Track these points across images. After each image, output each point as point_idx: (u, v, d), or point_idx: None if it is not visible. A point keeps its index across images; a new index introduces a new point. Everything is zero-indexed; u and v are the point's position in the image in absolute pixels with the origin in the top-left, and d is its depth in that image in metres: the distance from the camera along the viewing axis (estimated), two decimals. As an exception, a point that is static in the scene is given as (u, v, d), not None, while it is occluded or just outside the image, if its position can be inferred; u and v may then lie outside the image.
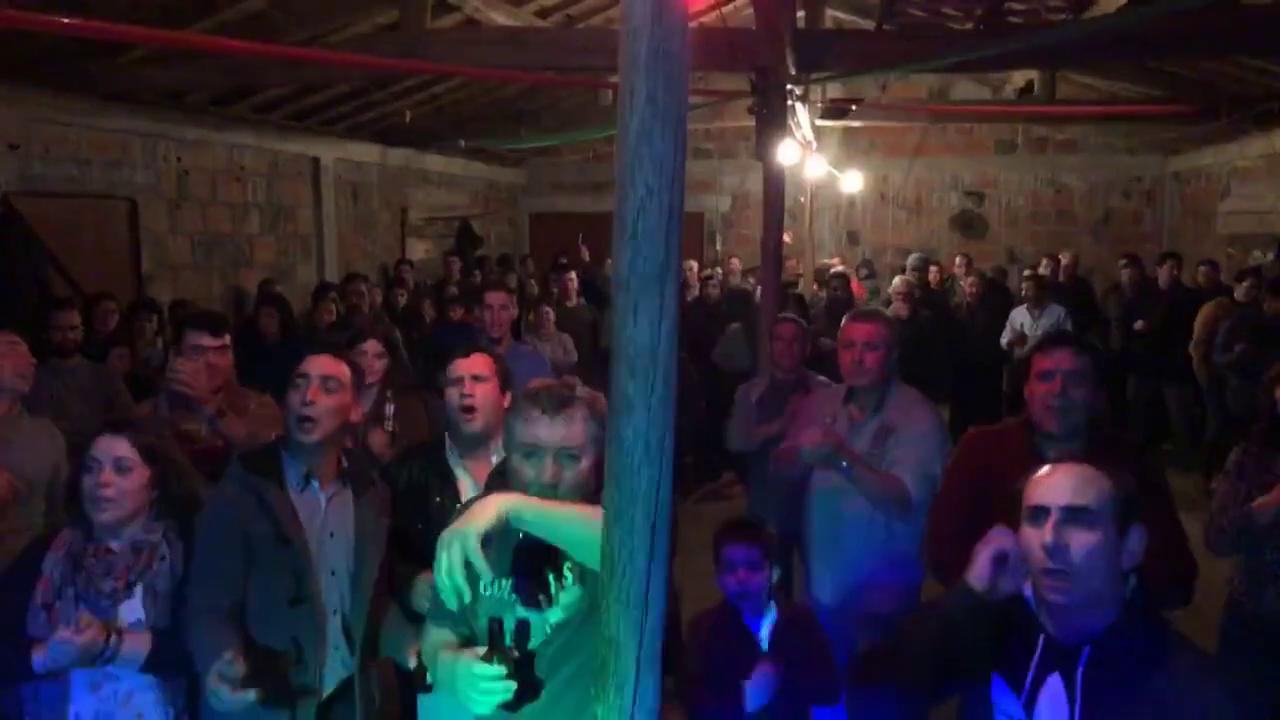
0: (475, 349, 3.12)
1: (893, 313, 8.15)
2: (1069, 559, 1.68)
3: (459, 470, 2.89)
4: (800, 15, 6.17)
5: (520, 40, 6.03)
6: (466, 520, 1.73)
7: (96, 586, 2.34)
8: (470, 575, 1.69)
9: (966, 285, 9.14)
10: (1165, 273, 8.47)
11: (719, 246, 13.02)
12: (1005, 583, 1.77)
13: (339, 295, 7.41)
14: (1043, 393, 2.63)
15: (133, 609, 2.35)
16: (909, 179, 12.73)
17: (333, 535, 2.55)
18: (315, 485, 2.54)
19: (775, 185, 5.44)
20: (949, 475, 2.90)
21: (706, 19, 6.72)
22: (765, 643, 2.66)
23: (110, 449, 2.39)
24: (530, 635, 1.93)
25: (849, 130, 12.32)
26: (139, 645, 2.29)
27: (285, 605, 2.42)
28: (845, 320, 3.48)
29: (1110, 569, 1.70)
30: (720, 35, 5.25)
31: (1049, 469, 1.79)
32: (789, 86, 5.48)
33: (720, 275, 9.51)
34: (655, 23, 1.20)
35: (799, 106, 6.46)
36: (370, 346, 3.97)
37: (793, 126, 6.29)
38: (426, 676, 2.09)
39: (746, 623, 2.67)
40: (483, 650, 1.83)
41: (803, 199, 10.65)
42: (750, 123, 5.47)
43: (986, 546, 1.78)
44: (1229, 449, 3.32)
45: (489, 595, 1.99)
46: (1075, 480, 1.73)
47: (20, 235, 5.84)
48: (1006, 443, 2.76)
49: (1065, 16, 6.82)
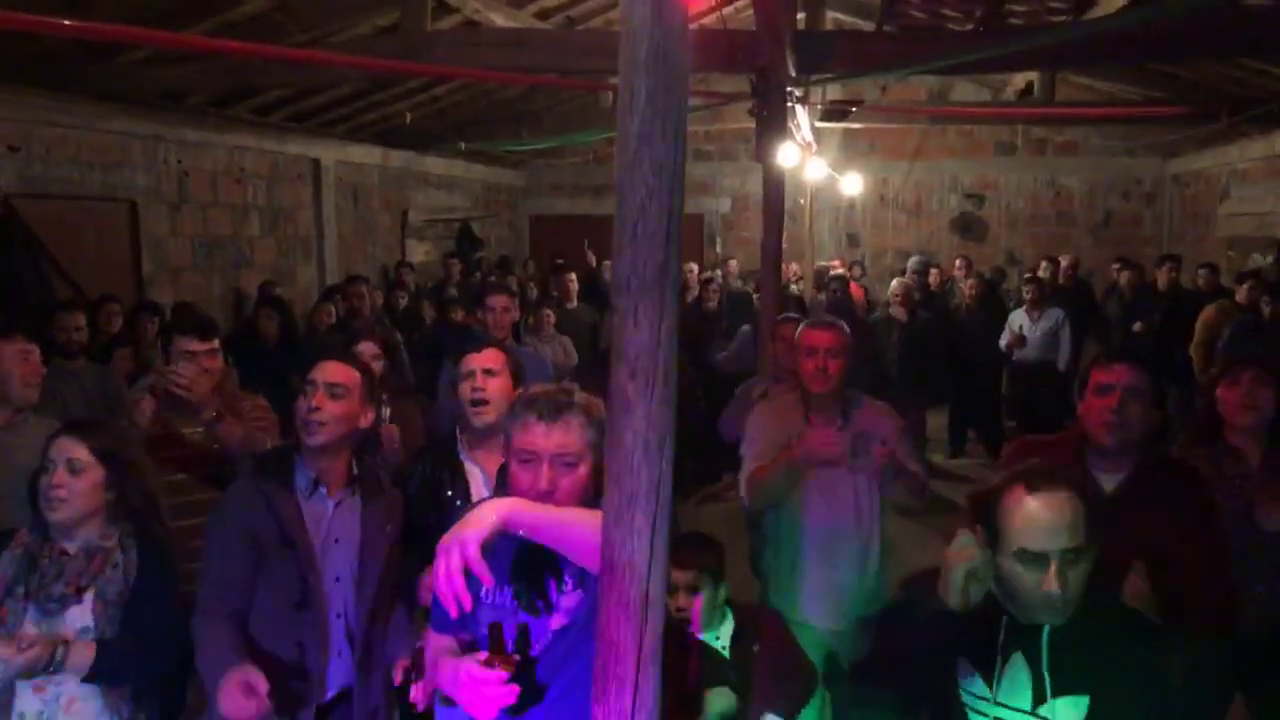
0: (488, 343, 3.13)
1: (892, 315, 8.16)
2: (1068, 593, 1.78)
3: (470, 464, 2.91)
4: (800, 17, 6.17)
5: (521, 42, 6.03)
6: (465, 527, 1.72)
7: (47, 590, 2.34)
8: (470, 582, 1.69)
9: (966, 287, 9.14)
10: (1164, 275, 8.48)
11: (719, 249, 13.03)
12: (976, 593, 1.81)
13: (340, 297, 7.42)
14: (1100, 407, 2.55)
15: (81, 615, 2.35)
16: (909, 181, 12.75)
17: (338, 541, 2.55)
18: (323, 491, 2.55)
19: (775, 187, 5.44)
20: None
21: (706, 20, 6.72)
22: (727, 650, 2.62)
23: (66, 450, 2.40)
24: (531, 639, 1.93)
25: (849, 132, 12.33)
26: (84, 656, 2.29)
27: (290, 609, 2.45)
28: (803, 328, 3.43)
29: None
30: (720, 37, 5.25)
31: (1035, 507, 1.81)
32: (789, 88, 5.49)
33: (720, 279, 9.50)
34: (655, 24, 1.20)
35: (799, 108, 6.46)
36: (366, 348, 3.97)
37: (793, 128, 6.29)
38: (437, 693, 2.09)
39: (699, 638, 2.63)
40: (484, 655, 1.82)
41: (803, 201, 10.65)
42: (750, 125, 5.48)
43: (958, 566, 1.80)
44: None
45: (489, 602, 1.98)
46: (1069, 519, 1.79)
47: (21, 237, 5.85)
48: (1054, 455, 2.64)
49: (1065, 18, 6.83)
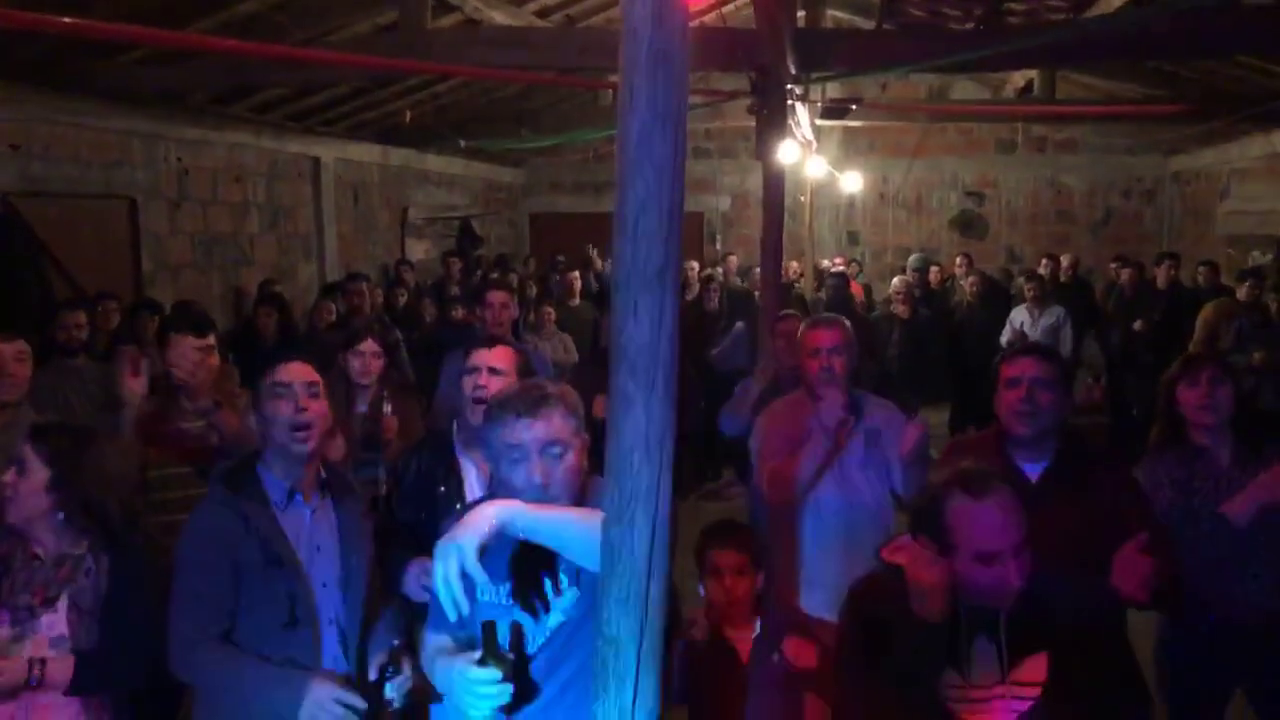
0: (500, 341, 3.11)
1: (893, 313, 8.17)
2: (1021, 581, 1.92)
3: (465, 461, 2.89)
4: (800, 15, 6.17)
5: (520, 40, 6.03)
6: (462, 530, 1.71)
7: (15, 600, 2.34)
8: (468, 586, 1.69)
9: (967, 285, 9.14)
10: (1163, 273, 8.48)
11: (719, 246, 13.03)
12: (947, 603, 1.92)
13: (340, 295, 7.42)
14: (1010, 399, 2.69)
15: (55, 623, 2.34)
16: (909, 179, 12.74)
17: (320, 549, 2.43)
18: (299, 499, 2.41)
19: (775, 185, 5.43)
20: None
21: (706, 19, 6.73)
22: (745, 656, 2.61)
23: (20, 451, 2.39)
24: (525, 638, 1.93)
25: (849, 130, 12.33)
26: (62, 672, 2.28)
27: (278, 629, 2.30)
28: (805, 328, 3.42)
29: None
30: (720, 35, 5.25)
31: (984, 510, 1.93)
32: (789, 86, 5.48)
33: (720, 276, 9.50)
34: (655, 23, 1.20)
35: (799, 106, 6.45)
36: (367, 346, 3.98)
37: (793, 126, 6.28)
38: (435, 688, 2.08)
39: (728, 635, 2.62)
40: (478, 654, 1.82)
41: (803, 199, 10.65)
42: (750, 122, 5.47)
43: (939, 586, 1.90)
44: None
45: (486, 601, 1.99)
46: (1014, 517, 1.93)
47: (21, 236, 5.84)
48: (982, 452, 2.75)
49: (1065, 16, 6.83)
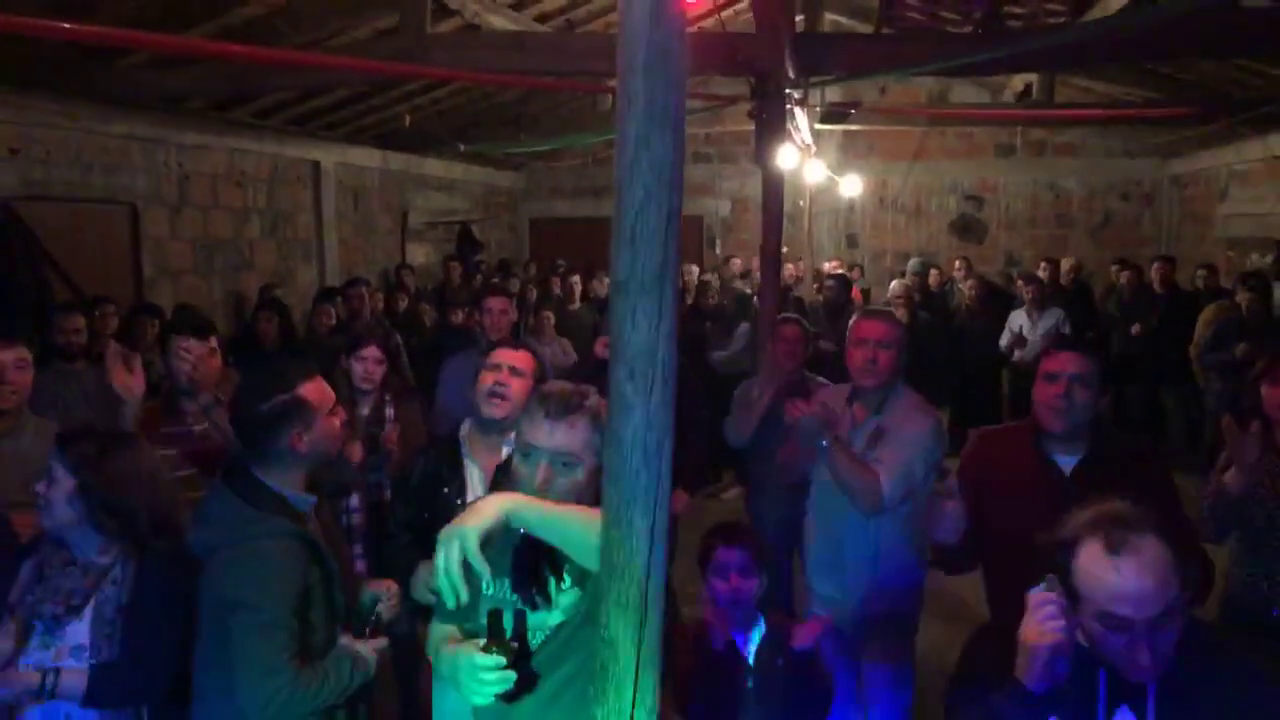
0: (523, 345, 3.16)
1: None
2: (1161, 658, 1.65)
3: (469, 462, 2.94)
4: (799, 19, 6.18)
5: (520, 45, 6.04)
6: (467, 519, 1.73)
7: (43, 609, 2.35)
8: (469, 575, 1.70)
9: (966, 289, 9.15)
10: (1157, 275, 8.48)
11: (718, 250, 13.04)
12: (1062, 670, 1.66)
13: (340, 300, 7.43)
14: (1048, 394, 2.68)
15: (79, 632, 2.34)
16: (908, 182, 12.75)
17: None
18: (313, 503, 2.45)
19: (774, 189, 5.44)
20: (959, 474, 2.90)
21: (705, 23, 6.74)
22: (751, 657, 2.60)
23: (50, 461, 2.39)
24: (528, 627, 1.95)
25: (848, 134, 12.35)
26: (75, 683, 2.27)
27: (330, 635, 2.37)
28: (857, 317, 3.39)
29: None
30: (719, 39, 5.25)
31: (1119, 574, 1.64)
32: (788, 90, 5.49)
33: (718, 281, 9.49)
34: (654, 27, 1.20)
35: (798, 110, 6.46)
36: (370, 352, 3.99)
37: (792, 130, 6.29)
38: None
39: (733, 635, 2.62)
40: (482, 642, 1.85)
41: (802, 203, 10.67)
42: (749, 127, 5.48)
43: (1040, 650, 1.63)
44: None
45: (489, 594, 2.00)
46: (1157, 580, 1.63)
47: (21, 240, 5.85)
48: (1011, 442, 2.81)
49: (1064, 19, 6.84)
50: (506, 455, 2.57)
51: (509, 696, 1.85)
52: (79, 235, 6.51)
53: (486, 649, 1.82)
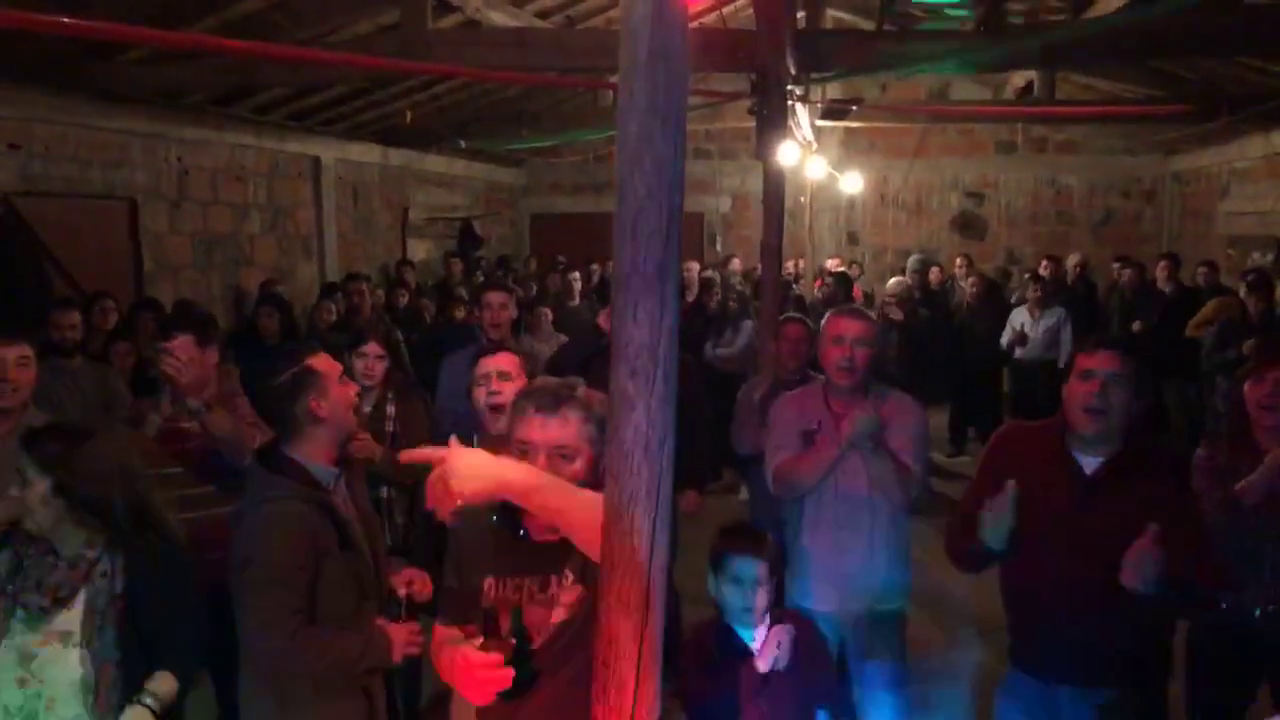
0: (501, 347, 3.12)
1: (889, 316, 8.16)
2: None
3: None
4: (800, 15, 6.17)
5: (521, 41, 6.04)
6: (466, 477, 1.68)
7: (28, 599, 2.36)
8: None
9: (967, 286, 9.14)
10: (1162, 273, 8.48)
11: (719, 247, 13.03)
12: None
13: (341, 295, 7.43)
14: (1082, 393, 2.53)
15: (69, 620, 2.36)
16: (909, 179, 12.74)
17: (351, 520, 2.57)
18: (342, 481, 2.55)
19: (775, 186, 5.43)
20: (980, 466, 2.86)
21: (706, 19, 6.73)
22: (756, 657, 2.58)
23: (18, 463, 2.40)
24: (529, 628, 1.94)
25: (849, 131, 12.33)
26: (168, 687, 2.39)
27: (352, 608, 2.43)
28: (831, 315, 3.37)
29: None
30: (720, 36, 5.25)
31: None
32: (789, 87, 5.48)
33: (719, 279, 9.48)
34: (655, 23, 1.20)
35: (799, 107, 6.46)
36: (371, 349, 3.98)
37: (793, 127, 6.29)
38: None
39: (740, 635, 2.59)
40: (480, 640, 1.85)
41: (803, 199, 10.66)
42: (750, 123, 5.47)
43: None
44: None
45: (492, 595, 2.00)
46: None
47: (21, 236, 5.84)
48: (1039, 440, 2.71)
49: (1065, 17, 6.83)
50: None
51: (509, 694, 1.84)
52: (78, 230, 6.50)
53: (484, 646, 1.82)
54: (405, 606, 2.54)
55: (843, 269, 10.35)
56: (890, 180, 13.08)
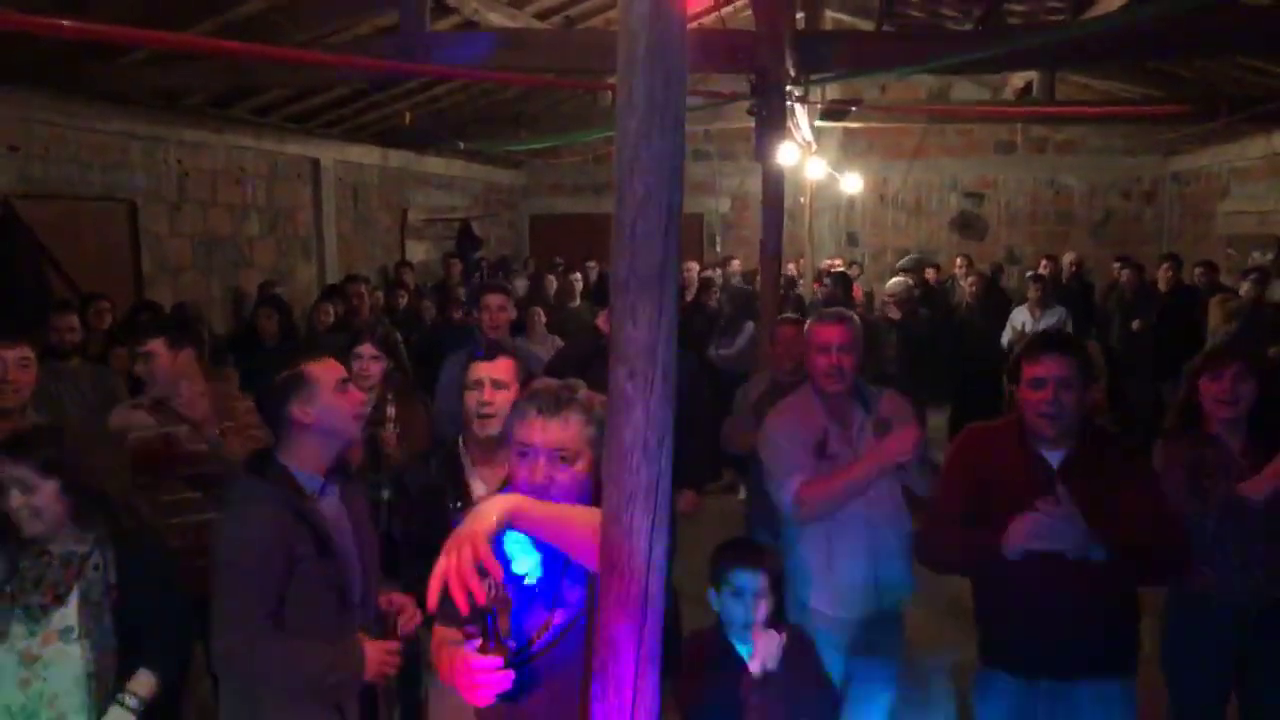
0: (500, 351, 3.07)
1: (887, 316, 8.14)
2: None
3: (473, 475, 2.88)
4: (799, 16, 6.17)
5: (519, 42, 6.04)
6: (472, 523, 1.72)
7: (28, 599, 2.39)
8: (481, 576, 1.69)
9: (967, 285, 9.14)
10: (1164, 274, 8.48)
11: (718, 248, 13.03)
12: None
13: (340, 296, 7.42)
14: (1035, 400, 2.66)
15: (66, 616, 2.40)
16: (908, 180, 12.75)
17: (342, 532, 2.52)
18: (330, 489, 2.51)
19: (775, 187, 5.43)
20: (946, 471, 2.90)
21: (705, 20, 6.73)
22: (752, 663, 2.57)
23: (11, 471, 2.40)
24: (530, 631, 1.94)
25: (848, 131, 12.34)
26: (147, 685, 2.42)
27: (333, 617, 2.41)
28: (812, 323, 3.36)
29: None
30: (719, 36, 5.25)
31: None
32: (788, 88, 5.48)
33: (720, 279, 9.48)
34: (653, 24, 1.20)
35: (798, 108, 6.46)
36: (365, 349, 3.97)
37: (792, 128, 6.29)
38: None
39: (738, 650, 2.58)
40: (479, 642, 1.84)
41: (802, 200, 10.65)
42: (749, 124, 5.47)
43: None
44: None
45: (494, 596, 1.99)
46: None
47: (21, 237, 5.84)
48: (1001, 439, 2.80)
49: (1065, 17, 6.84)
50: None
51: (509, 697, 1.84)
52: (78, 232, 6.50)
53: (483, 649, 1.81)
54: (390, 625, 2.52)
55: (842, 269, 10.35)
56: (890, 180, 13.09)
